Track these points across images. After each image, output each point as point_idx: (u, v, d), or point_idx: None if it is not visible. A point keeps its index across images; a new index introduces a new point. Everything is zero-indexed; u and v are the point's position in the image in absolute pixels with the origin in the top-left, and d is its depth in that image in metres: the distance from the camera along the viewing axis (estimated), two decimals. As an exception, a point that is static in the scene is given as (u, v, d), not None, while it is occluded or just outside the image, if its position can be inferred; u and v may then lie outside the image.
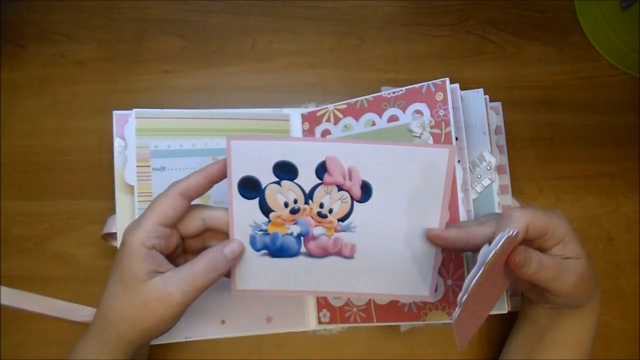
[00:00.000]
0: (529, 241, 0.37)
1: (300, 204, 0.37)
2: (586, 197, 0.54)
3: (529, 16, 0.57)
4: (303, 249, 0.39)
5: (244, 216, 0.38)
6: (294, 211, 0.38)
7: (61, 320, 0.49)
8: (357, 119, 0.48)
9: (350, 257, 0.39)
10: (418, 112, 0.46)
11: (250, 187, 0.37)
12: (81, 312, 0.49)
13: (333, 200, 0.37)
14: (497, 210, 0.47)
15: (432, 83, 0.45)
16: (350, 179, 0.36)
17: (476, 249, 0.35)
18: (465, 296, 0.33)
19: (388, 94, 0.47)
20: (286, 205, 0.37)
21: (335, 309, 0.48)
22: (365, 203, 0.37)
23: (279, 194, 0.37)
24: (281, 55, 0.55)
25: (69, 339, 0.48)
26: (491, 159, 0.47)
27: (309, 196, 0.37)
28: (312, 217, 0.38)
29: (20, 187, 0.51)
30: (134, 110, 0.48)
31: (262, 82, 0.54)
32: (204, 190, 0.37)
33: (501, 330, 0.51)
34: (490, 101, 0.50)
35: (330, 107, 0.49)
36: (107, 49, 0.54)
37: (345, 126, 0.47)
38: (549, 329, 0.43)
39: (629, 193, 0.54)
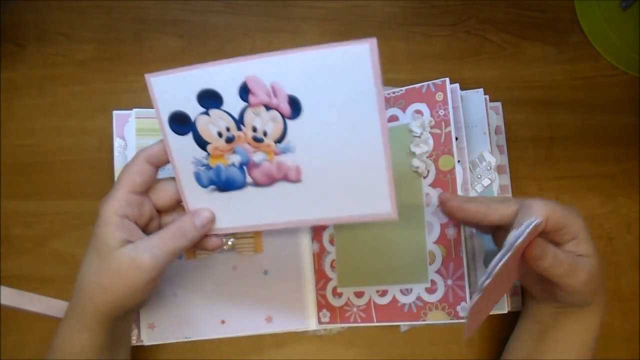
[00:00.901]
0: (545, 233, 0.37)
1: (233, 131, 0.35)
2: (586, 197, 0.54)
3: (529, 16, 0.57)
4: (249, 179, 0.37)
5: (183, 154, 0.36)
6: (229, 140, 0.36)
7: (61, 319, 0.49)
8: (357, 119, 0.48)
9: (297, 181, 0.37)
10: (418, 112, 0.46)
11: (181, 122, 0.35)
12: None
13: (264, 122, 0.35)
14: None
15: (432, 83, 0.45)
16: (275, 96, 0.34)
17: (490, 227, 0.35)
18: (488, 280, 0.32)
19: (388, 94, 0.47)
20: (220, 135, 0.36)
21: (335, 309, 0.48)
22: (297, 119, 0.34)
23: (210, 124, 0.35)
24: (281, 55, 0.55)
25: (69, 339, 0.48)
26: (491, 159, 0.47)
27: (239, 121, 0.35)
28: (248, 144, 0.36)
29: (20, 187, 0.51)
30: (134, 110, 0.48)
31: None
32: (164, 161, 0.38)
33: (501, 330, 0.51)
34: (490, 101, 0.50)
35: (330, 107, 0.49)
36: (107, 49, 0.54)
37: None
38: (552, 329, 0.43)
39: (629, 193, 0.54)
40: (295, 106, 0.34)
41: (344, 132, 0.34)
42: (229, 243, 0.48)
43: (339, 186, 0.36)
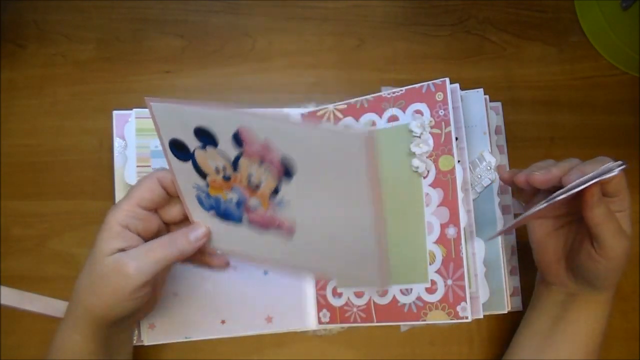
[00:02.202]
0: (603, 193, 0.38)
1: (229, 172, 0.35)
2: (586, 197, 0.54)
3: (529, 16, 0.57)
4: (245, 217, 0.37)
5: (185, 177, 0.36)
6: (225, 178, 0.36)
7: (61, 320, 0.49)
8: (357, 119, 0.48)
9: (290, 234, 0.36)
10: (418, 112, 0.46)
11: (180, 149, 0.35)
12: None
13: (259, 174, 0.34)
14: (497, 210, 0.48)
15: (432, 83, 0.45)
16: (268, 152, 0.33)
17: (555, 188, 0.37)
18: (555, 200, 0.35)
19: (388, 94, 0.47)
20: (217, 171, 0.35)
21: (335, 309, 0.48)
22: (291, 180, 0.33)
23: (209, 159, 0.35)
24: (281, 55, 0.55)
25: (69, 339, 0.48)
26: (491, 159, 0.47)
27: (234, 165, 0.35)
28: (244, 187, 0.36)
29: (20, 187, 0.51)
30: (134, 110, 0.48)
31: (262, 82, 0.54)
32: (174, 190, 0.38)
33: (501, 330, 0.51)
34: (490, 101, 0.50)
35: (330, 107, 0.49)
36: (107, 49, 0.54)
37: (345, 126, 0.47)
38: (561, 320, 0.43)
39: (629, 193, 0.54)
40: (287, 168, 0.33)
41: (335, 204, 0.33)
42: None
43: (332, 250, 0.36)
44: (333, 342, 0.51)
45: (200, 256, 0.40)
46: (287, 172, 0.33)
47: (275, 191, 0.35)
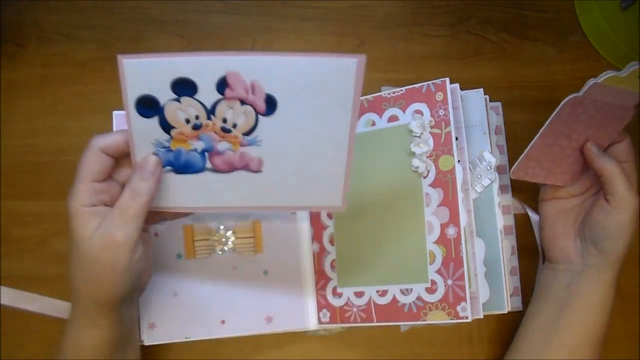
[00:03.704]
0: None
1: (203, 119, 0.35)
2: (586, 197, 0.54)
3: (529, 16, 0.57)
4: (209, 165, 0.37)
5: (144, 135, 0.36)
6: (196, 127, 0.35)
7: (61, 320, 0.49)
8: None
9: (257, 171, 0.37)
10: (418, 112, 0.46)
11: (148, 105, 0.35)
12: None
13: (236, 115, 0.35)
14: (497, 210, 0.48)
15: (432, 83, 0.45)
16: (253, 93, 0.34)
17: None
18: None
19: (388, 94, 0.47)
20: (187, 121, 0.35)
21: (335, 309, 0.48)
22: (270, 117, 0.35)
23: (179, 111, 0.35)
24: (281, 55, 0.55)
25: (69, 339, 0.48)
26: (491, 159, 0.47)
27: (210, 111, 0.35)
28: (215, 133, 0.36)
29: (20, 187, 0.51)
30: (134, 110, 0.48)
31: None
32: (122, 152, 0.36)
33: (501, 330, 0.51)
34: (490, 101, 0.50)
35: (330, 107, 0.49)
36: (107, 49, 0.54)
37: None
38: (567, 308, 0.45)
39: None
40: (271, 105, 0.34)
41: (312, 132, 0.35)
42: (229, 244, 0.48)
43: (297, 179, 0.37)
44: (333, 342, 0.51)
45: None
46: (269, 108, 0.34)
47: (251, 131, 0.35)
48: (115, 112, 0.49)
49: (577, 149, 0.45)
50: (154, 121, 0.35)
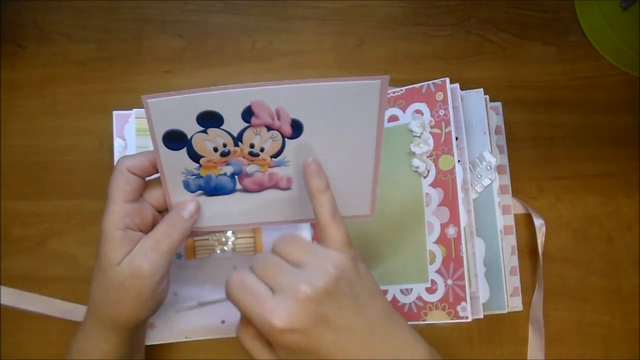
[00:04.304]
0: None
1: (230, 147, 0.36)
2: (586, 197, 0.54)
3: (529, 16, 0.57)
4: (239, 186, 0.38)
5: (174, 165, 0.36)
6: (224, 154, 0.36)
7: (61, 320, 0.49)
8: (357, 119, 0.48)
9: (287, 188, 0.38)
10: (418, 112, 0.46)
11: (175, 140, 0.35)
12: (81, 312, 0.48)
13: (263, 140, 0.36)
14: (498, 210, 0.47)
15: (432, 83, 0.45)
16: (279, 119, 0.35)
17: None
18: None
19: (388, 94, 0.47)
20: (215, 150, 0.36)
21: (335, 309, 0.48)
22: (297, 139, 0.36)
23: (207, 141, 0.35)
24: (281, 55, 0.55)
25: (68, 339, 0.47)
26: (491, 159, 0.47)
27: (238, 139, 0.36)
28: (244, 157, 0.37)
29: (20, 187, 0.51)
30: (134, 110, 0.48)
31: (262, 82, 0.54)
32: (148, 173, 0.37)
33: (501, 331, 0.51)
34: (490, 101, 0.50)
35: (330, 107, 0.49)
36: (107, 49, 0.54)
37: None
38: None
39: (629, 193, 0.54)
40: (297, 128, 0.35)
41: (338, 150, 0.36)
42: (229, 244, 0.48)
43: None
44: (333, 342, 0.51)
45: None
46: (295, 131, 0.35)
47: (279, 153, 0.36)
48: (115, 112, 0.49)
49: None
50: (182, 153, 0.36)
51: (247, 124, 0.35)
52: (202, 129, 0.35)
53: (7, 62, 0.53)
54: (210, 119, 0.34)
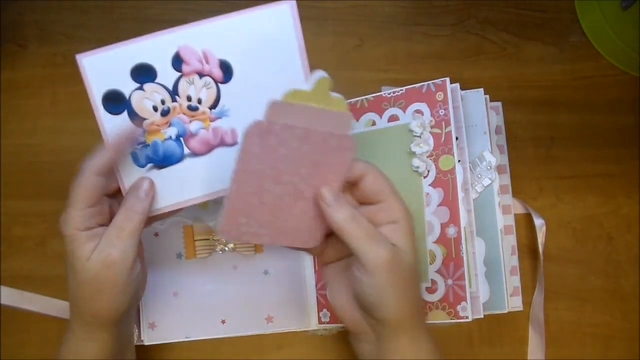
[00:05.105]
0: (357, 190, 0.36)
1: (168, 103, 0.36)
2: (586, 197, 0.54)
3: (529, 16, 0.57)
4: (187, 150, 0.37)
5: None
6: (164, 112, 0.36)
7: (61, 320, 0.49)
8: (357, 118, 0.48)
9: (234, 143, 0.37)
10: (418, 111, 0.46)
11: (115, 101, 0.36)
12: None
13: (198, 89, 0.36)
14: (498, 210, 0.48)
15: (432, 83, 0.45)
16: (207, 62, 0.35)
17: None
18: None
19: (388, 94, 0.47)
20: (155, 109, 0.36)
21: (335, 308, 0.48)
22: (229, 83, 0.36)
23: (145, 99, 0.36)
24: (281, 55, 0.55)
25: (69, 339, 0.48)
26: (491, 159, 0.47)
27: (174, 92, 0.36)
28: (184, 114, 0.37)
29: (20, 187, 0.51)
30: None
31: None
32: (118, 162, 0.37)
33: (501, 331, 0.51)
34: (490, 101, 0.50)
35: (331, 107, 0.49)
36: (107, 49, 0.54)
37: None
38: None
39: (629, 193, 0.54)
40: (226, 70, 0.36)
41: (273, 87, 0.35)
42: (229, 243, 0.48)
43: None
44: (333, 342, 0.51)
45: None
46: (226, 74, 0.36)
47: (216, 102, 0.37)
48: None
49: (310, 196, 0.35)
50: (124, 117, 0.36)
51: (179, 73, 0.36)
52: (138, 85, 0.35)
53: (7, 62, 0.53)
54: (144, 72, 0.35)
